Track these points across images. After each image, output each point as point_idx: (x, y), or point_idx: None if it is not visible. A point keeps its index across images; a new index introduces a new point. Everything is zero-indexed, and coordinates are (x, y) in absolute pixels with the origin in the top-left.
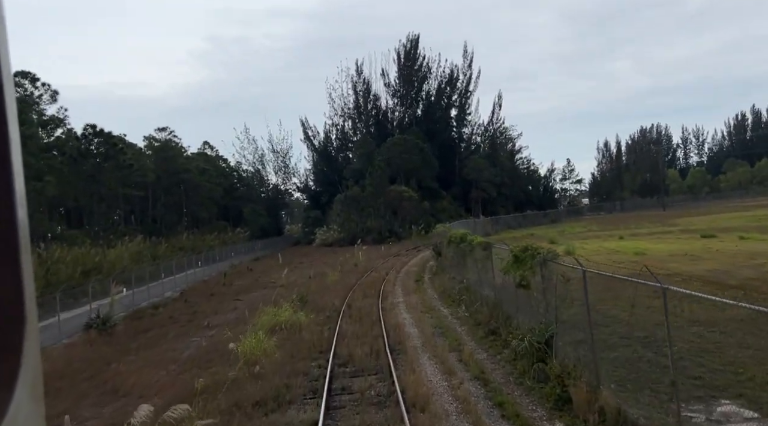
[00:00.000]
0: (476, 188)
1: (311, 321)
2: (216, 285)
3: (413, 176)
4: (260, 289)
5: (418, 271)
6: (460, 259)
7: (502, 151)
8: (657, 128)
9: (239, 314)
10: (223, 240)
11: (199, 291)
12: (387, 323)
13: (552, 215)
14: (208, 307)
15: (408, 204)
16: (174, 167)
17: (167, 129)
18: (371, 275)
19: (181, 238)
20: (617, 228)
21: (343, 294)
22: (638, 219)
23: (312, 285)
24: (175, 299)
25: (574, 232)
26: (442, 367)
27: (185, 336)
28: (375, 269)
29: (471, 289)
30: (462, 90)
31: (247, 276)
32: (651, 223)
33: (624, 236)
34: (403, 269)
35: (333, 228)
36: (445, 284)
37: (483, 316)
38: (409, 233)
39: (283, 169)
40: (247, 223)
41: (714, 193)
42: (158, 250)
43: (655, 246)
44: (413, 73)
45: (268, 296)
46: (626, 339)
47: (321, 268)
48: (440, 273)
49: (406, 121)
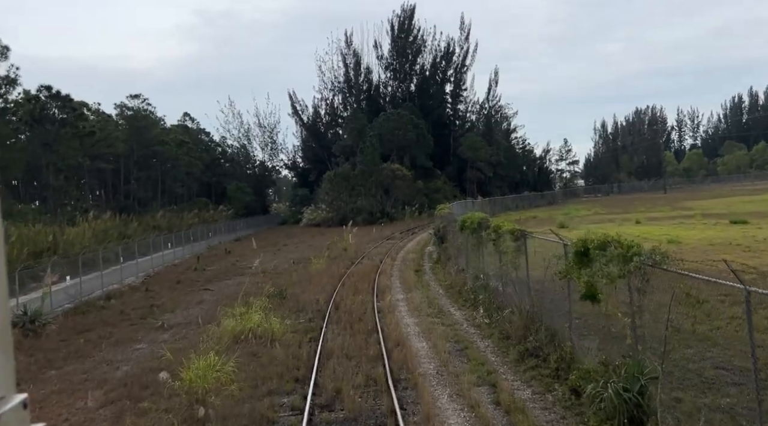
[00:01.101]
0: (472, 168)
1: (287, 328)
2: (186, 270)
3: (407, 154)
4: (236, 275)
5: (416, 259)
6: (474, 248)
7: (497, 130)
8: (652, 110)
9: (205, 310)
10: (203, 218)
11: (166, 277)
12: (386, 334)
13: (549, 197)
14: (171, 298)
15: (401, 183)
16: (148, 139)
17: (140, 96)
18: (363, 263)
19: (155, 216)
20: (626, 211)
21: (330, 287)
22: (642, 201)
23: (294, 274)
24: (135, 288)
25: (581, 215)
26: (474, 421)
27: (130, 341)
28: (367, 255)
29: (490, 288)
30: (458, 64)
31: (224, 260)
32: (660, 207)
33: (640, 220)
34: (399, 255)
35: (321, 207)
36: (452, 278)
37: (514, 327)
38: (402, 214)
39: (270, 144)
40: (231, 200)
41: (712, 176)
42: (128, 228)
43: (686, 233)
44: (408, 45)
45: (243, 286)
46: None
47: (306, 252)
48: (443, 262)
49: (399, 97)
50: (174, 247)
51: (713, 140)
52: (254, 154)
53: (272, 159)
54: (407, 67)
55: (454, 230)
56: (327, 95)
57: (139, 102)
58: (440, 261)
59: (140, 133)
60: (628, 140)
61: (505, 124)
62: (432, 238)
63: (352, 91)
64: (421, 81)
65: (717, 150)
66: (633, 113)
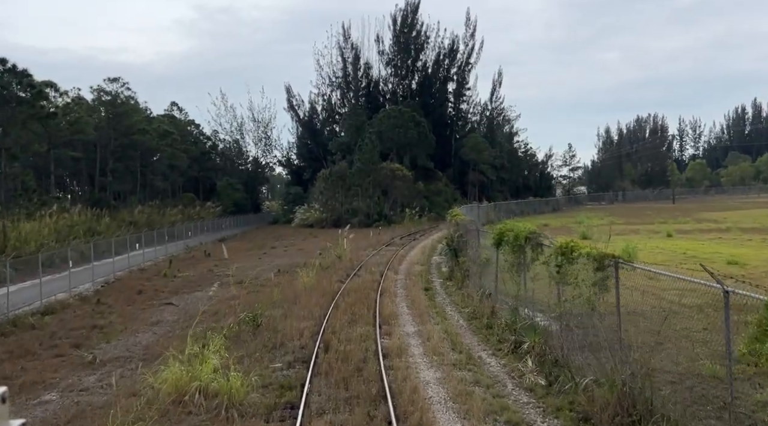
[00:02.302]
0: (474, 170)
1: (253, 384)
2: (154, 276)
3: (407, 153)
4: (209, 285)
5: (423, 272)
6: (513, 270)
7: (499, 133)
8: (654, 119)
9: (157, 337)
10: (188, 215)
11: (127, 285)
12: (399, 403)
13: (553, 203)
14: (123, 315)
15: (401, 184)
16: (127, 126)
17: (119, 79)
18: (361, 276)
19: (133, 212)
20: (646, 222)
21: (320, 312)
22: (656, 212)
23: (276, 290)
24: (85, 298)
25: (595, 224)
26: None
27: (39, 388)
28: (365, 265)
29: (541, 330)
30: (462, 62)
31: (201, 263)
32: (680, 218)
33: (671, 233)
34: (402, 267)
35: (314, 207)
36: (475, 304)
37: (598, 405)
38: (401, 217)
39: (264, 140)
40: (220, 197)
41: (716, 187)
42: (100, 224)
43: (740, 251)
44: (411, 40)
45: (213, 301)
46: None
47: (295, 258)
48: (458, 280)
49: (400, 94)
50: (145, 248)
51: (715, 151)
52: (247, 149)
53: (266, 155)
54: (409, 64)
55: (474, 242)
56: (325, 91)
57: (119, 86)
58: (454, 278)
59: (118, 120)
60: (632, 148)
61: (507, 127)
62: (439, 246)
63: (350, 86)
64: (423, 78)
65: (719, 160)
66: (634, 121)
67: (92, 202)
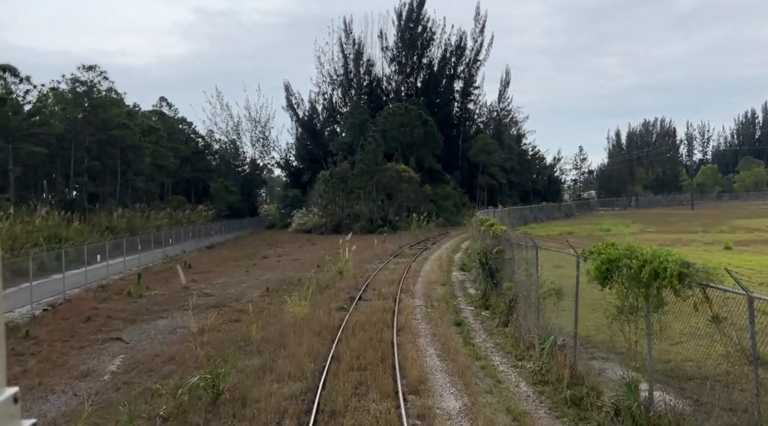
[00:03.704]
0: (483, 173)
1: None
2: (115, 295)
3: (413, 154)
4: (177, 310)
5: (446, 296)
6: (629, 315)
7: (507, 135)
8: (661, 123)
9: (78, 400)
10: (176, 219)
11: (75, 309)
12: None
13: (565, 208)
14: (46, 359)
15: (407, 187)
16: (103, 120)
17: (96, 68)
18: (368, 301)
19: (111, 215)
20: (681, 231)
21: (314, 366)
22: (682, 218)
23: (257, 324)
24: (13, 329)
25: (627, 233)
26: None
27: None
28: (372, 284)
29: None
30: (470, 59)
31: (177, 278)
32: (711, 225)
33: (729, 245)
34: (418, 287)
35: (313, 211)
36: (540, 358)
37: None
38: (407, 223)
39: (262, 140)
40: (214, 200)
41: (728, 192)
42: (68, 230)
43: None
44: (416, 35)
45: (175, 336)
46: None
47: (288, 271)
48: (499, 312)
49: (404, 93)
50: (109, 259)
51: (724, 155)
52: (244, 150)
53: (263, 156)
54: (414, 60)
55: (520, 259)
56: (325, 89)
57: (95, 75)
58: (491, 307)
59: (95, 113)
60: (643, 152)
61: (515, 130)
62: (456, 258)
63: (352, 84)
64: (429, 76)
65: (728, 165)
66: (641, 125)
67: (64, 205)
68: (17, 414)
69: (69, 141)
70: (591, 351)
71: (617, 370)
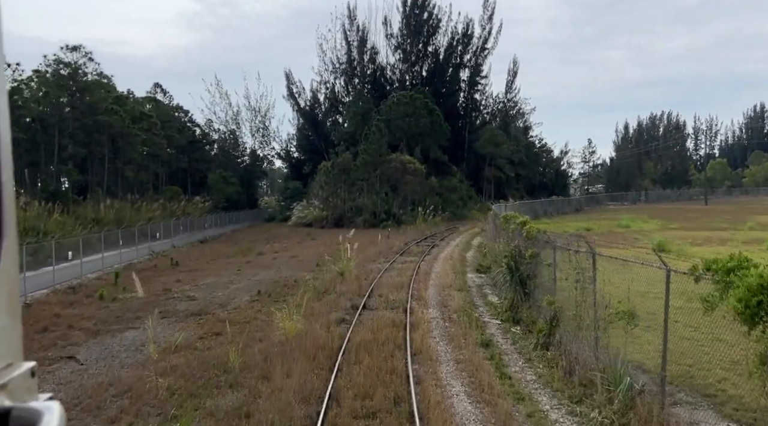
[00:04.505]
0: (491, 165)
1: None
2: (85, 298)
3: (418, 144)
4: (156, 316)
5: (465, 306)
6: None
7: (514, 127)
8: (668, 117)
9: None
10: (170, 211)
11: (37, 315)
12: None
13: (575, 203)
14: None
15: (412, 179)
16: (89, 104)
17: (80, 48)
18: (373, 311)
19: (99, 207)
20: (705, 227)
21: (305, 410)
22: (701, 214)
23: (241, 338)
24: None
25: (646, 228)
26: None
27: None
28: (377, 288)
29: None
30: (478, 47)
31: (161, 277)
32: (736, 221)
33: None
34: (431, 294)
35: (314, 204)
36: (606, 403)
37: None
38: (412, 217)
39: (262, 130)
40: (212, 191)
41: (738, 188)
42: (48, 222)
43: None
44: (422, 22)
45: (140, 356)
46: None
47: (284, 270)
48: (537, 332)
49: (409, 82)
50: (84, 256)
51: (732, 150)
52: (243, 141)
53: (263, 147)
54: (420, 48)
55: (553, 265)
56: (327, 78)
57: (80, 56)
58: (520, 320)
59: (80, 96)
60: (652, 146)
61: (521, 122)
62: (468, 257)
63: (356, 73)
64: (434, 65)
65: (737, 160)
66: (648, 118)
67: (47, 195)
68: (34, 387)
69: (53, 126)
70: (667, 388)
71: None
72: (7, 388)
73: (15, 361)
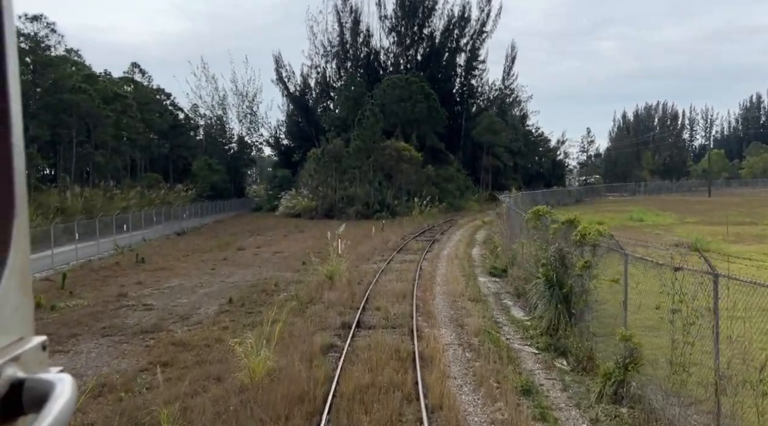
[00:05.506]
0: (488, 154)
1: None
2: None
3: (414, 131)
4: (92, 335)
5: (484, 323)
6: None
7: (510, 115)
8: (663, 107)
9: None
10: (149, 200)
11: None
12: None
13: (575, 194)
14: None
15: (408, 167)
16: (53, 82)
17: (42, 18)
18: (370, 333)
19: (64, 195)
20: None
21: None
22: (709, 206)
23: (164, 413)
24: None
25: (664, 222)
26: None
27: None
28: (373, 298)
29: None
30: (475, 31)
31: (119, 277)
32: (752, 214)
33: None
34: (439, 304)
35: (303, 193)
36: None
37: None
38: (408, 208)
39: (250, 116)
40: (196, 179)
41: (736, 179)
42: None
43: None
44: (417, 3)
45: None
46: None
47: (266, 269)
48: (603, 377)
49: (403, 67)
50: (30, 253)
51: (729, 141)
52: (230, 127)
53: (251, 133)
54: (415, 30)
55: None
56: (318, 62)
57: (41, 26)
58: (566, 351)
59: (42, 73)
60: (649, 136)
61: (518, 110)
62: (474, 254)
63: (348, 56)
64: (430, 49)
65: (733, 151)
66: (643, 109)
67: None
68: (45, 361)
69: None
70: None
71: None
72: (20, 360)
73: (26, 335)
